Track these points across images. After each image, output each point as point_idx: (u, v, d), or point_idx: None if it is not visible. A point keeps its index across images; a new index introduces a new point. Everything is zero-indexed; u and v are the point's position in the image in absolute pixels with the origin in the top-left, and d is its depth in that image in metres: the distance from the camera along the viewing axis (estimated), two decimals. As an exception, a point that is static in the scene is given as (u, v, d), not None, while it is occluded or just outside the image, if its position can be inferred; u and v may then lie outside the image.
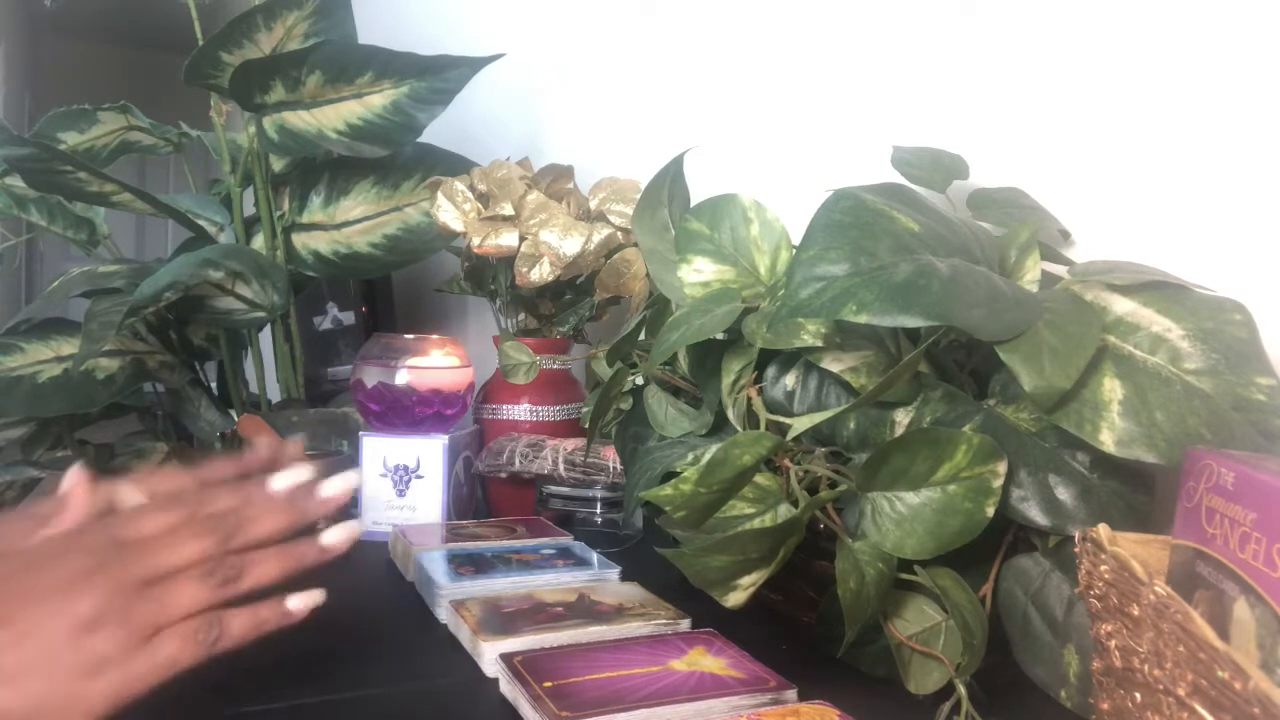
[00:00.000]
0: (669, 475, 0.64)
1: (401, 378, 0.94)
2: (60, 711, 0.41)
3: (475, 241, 1.01)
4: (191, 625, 0.44)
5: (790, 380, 0.61)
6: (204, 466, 0.54)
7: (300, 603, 0.48)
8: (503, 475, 0.97)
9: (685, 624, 0.64)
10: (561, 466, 0.93)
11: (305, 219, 1.36)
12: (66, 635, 0.41)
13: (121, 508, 0.50)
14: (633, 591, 0.70)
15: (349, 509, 0.91)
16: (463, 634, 0.62)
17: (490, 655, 0.57)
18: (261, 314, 1.28)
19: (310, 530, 0.50)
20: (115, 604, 0.42)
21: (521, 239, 1.00)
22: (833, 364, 0.57)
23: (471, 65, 1.25)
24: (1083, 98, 0.71)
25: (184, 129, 1.47)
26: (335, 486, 0.51)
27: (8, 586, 0.42)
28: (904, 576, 0.53)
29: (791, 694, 0.53)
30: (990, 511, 0.51)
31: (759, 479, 0.57)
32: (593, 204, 1.06)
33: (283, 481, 0.51)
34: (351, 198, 1.36)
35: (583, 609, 0.65)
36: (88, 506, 0.50)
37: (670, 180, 0.72)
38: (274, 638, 0.61)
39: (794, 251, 0.57)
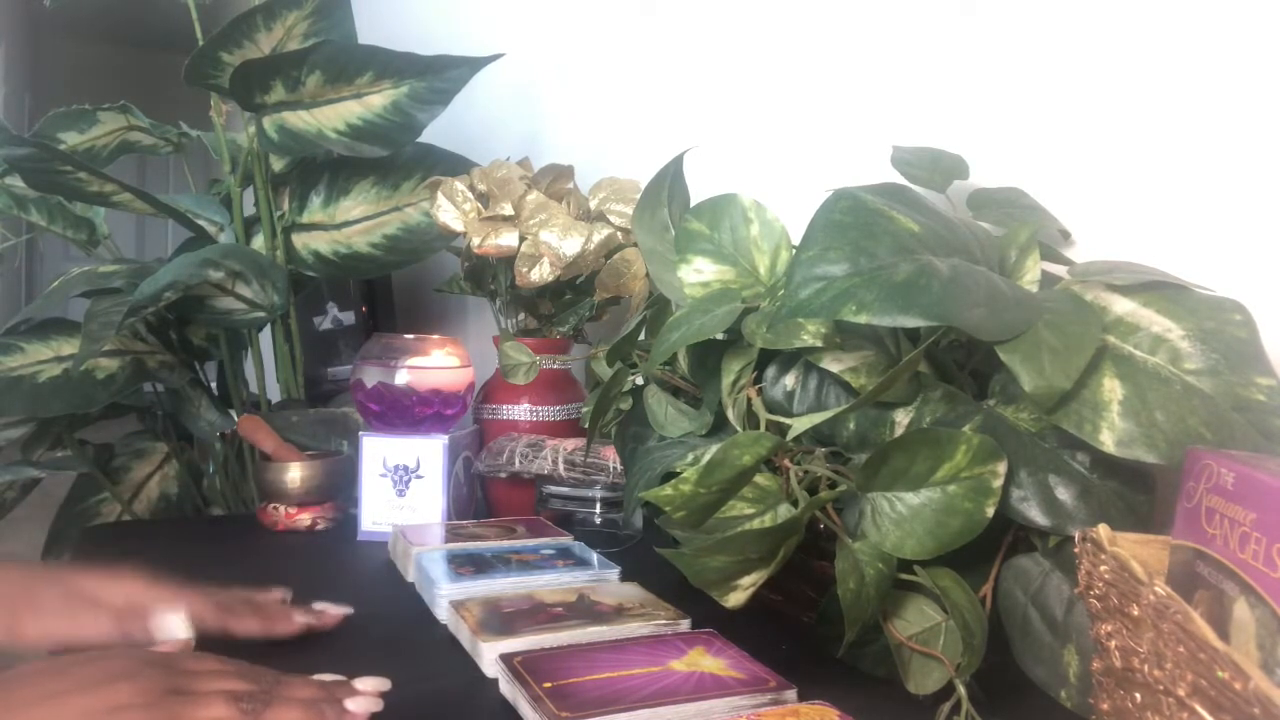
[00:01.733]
0: (669, 475, 0.64)
1: (401, 378, 0.94)
2: None
3: (475, 241, 1.01)
4: None
5: (790, 380, 0.61)
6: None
7: None
8: (503, 475, 0.97)
9: (685, 624, 0.64)
10: (561, 466, 0.93)
11: (305, 219, 1.36)
12: (98, 712, 0.44)
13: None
14: (633, 591, 0.70)
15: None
16: (463, 634, 0.62)
17: (490, 655, 0.57)
18: (261, 314, 1.28)
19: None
20: (142, 698, 0.45)
21: (521, 239, 1.00)
22: (833, 364, 0.57)
23: (471, 65, 1.25)
24: (1083, 98, 0.71)
25: (184, 129, 1.47)
26: (364, 703, 0.52)
27: (43, 684, 0.45)
28: (904, 576, 0.53)
29: (791, 694, 0.53)
30: (990, 511, 0.51)
31: (759, 479, 0.57)
32: (593, 204, 1.06)
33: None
34: (351, 198, 1.36)
35: (583, 609, 0.65)
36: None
37: (670, 180, 0.72)
38: (274, 638, 0.61)
39: (794, 251, 0.57)
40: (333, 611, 0.65)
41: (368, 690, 0.52)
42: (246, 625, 0.60)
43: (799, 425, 0.56)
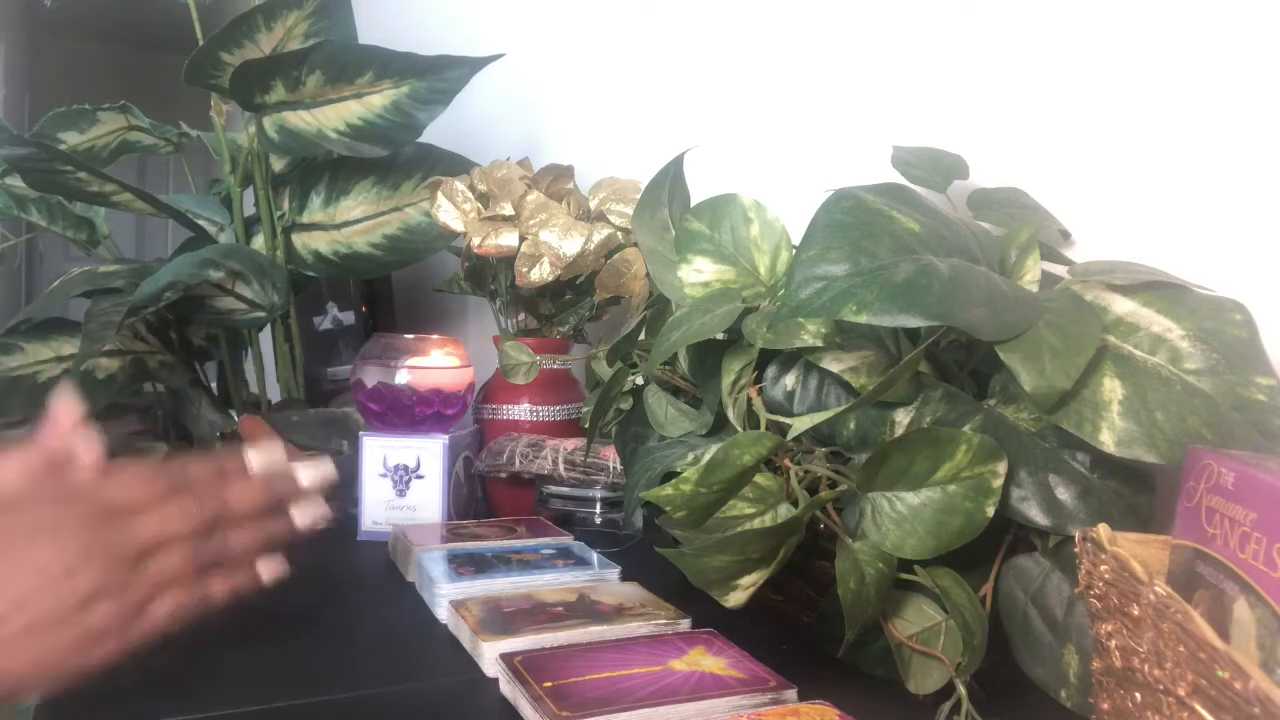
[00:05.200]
0: (669, 475, 0.64)
1: (401, 378, 0.94)
2: (58, 678, 0.44)
3: (475, 241, 1.01)
4: (179, 592, 0.48)
5: (790, 380, 0.61)
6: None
7: (269, 571, 0.52)
8: (503, 475, 0.97)
9: (685, 624, 0.64)
10: (561, 466, 0.93)
11: (305, 219, 1.36)
12: (69, 610, 0.44)
13: (98, 460, 0.53)
14: (633, 591, 0.70)
15: (337, 498, 0.91)
16: (463, 634, 0.62)
17: (490, 655, 0.57)
18: (261, 314, 1.28)
19: (284, 510, 0.55)
20: (112, 579, 0.45)
21: (521, 239, 1.00)
22: (833, 364, 0.57)
23: (471, 65, 1.25)
24: (1083, 98, 0.71)
25: (184, 129, 1.47)
26: (310, 473, 0.56)
27: (4, 553, 0.44)
28: (904, 576, 0.53)
29: (791, 694, 0.53)
30: (990, 511, 0.51)
31: (759, 479, 0.57)
32: (593, 204, 1.06)
33: (260, 462, 0.55)
34: (351, 198, 1.36)
35: (583, 609, 0.65)
36: (70, 446, 0.53)
37: (670, 180, 0.72)
38: (275, 638, 0.61)
39: (794, 251, 0.57)
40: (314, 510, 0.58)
41: (311, 481, 0.56)
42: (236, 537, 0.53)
43: (799, 425, 0.56)
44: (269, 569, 0.53)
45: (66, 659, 0.44)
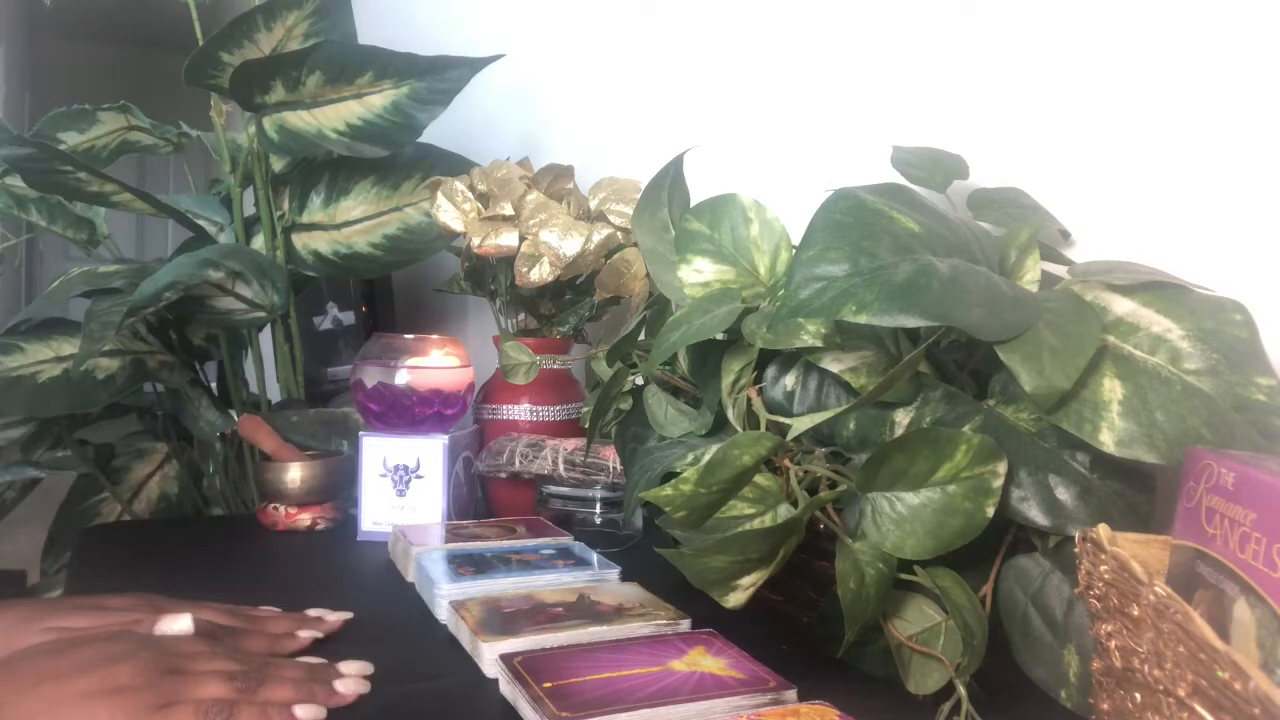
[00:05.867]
0: (669, 475, 0.64)
1: (401, 378, 0.94)
2: None
3: (475, 241, 1.01)
4: (204, 704, 0.47)
5: (790, 380, 0.61)
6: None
7: (306, 714, 0.51)
8: (503, 475, 0.97)
9: (685, 624, 0.64)
10: (561, 466, 0.93)
11: (305, 219, 1.36)
12: (99, 698, 0.45)
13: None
14: (633, 592, 0.70)
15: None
16: (463, 634, 0.62)
17: (490, 655, 0.57)
18: (261, 314, 1.28)
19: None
20: (141, 679, 0.47)
21: (521, 239, 1.00)
22: (833, 364, 0.57)
23: (471, 65, 1.24)
24: (1082, 98, 0.71)
25: (184, 129, 1.46)
26: (351, 685, 0.55)
27: (43, 664, 0.47)
28: (904, 576, 0.53)
29: (791, 694, 0.53)
30: (990, 511, 0.51)
31: (759, 479, 0.57)
32: (593, 204, 1.06)
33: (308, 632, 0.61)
34: (351, 198, 1.36)
35: (583, 609, 0.65)
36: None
37: (670, 180, 0.72)
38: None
39: (794, 251, 0.57)
40: (331, 619, 0.65)
41: (352, 673, 0.54)
42: (252, 648, 0.59)
43: (799, 425, 0.56)
44: (306, 713, 0.52)
45: None
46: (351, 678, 0.54)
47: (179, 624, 0.56)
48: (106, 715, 0.44)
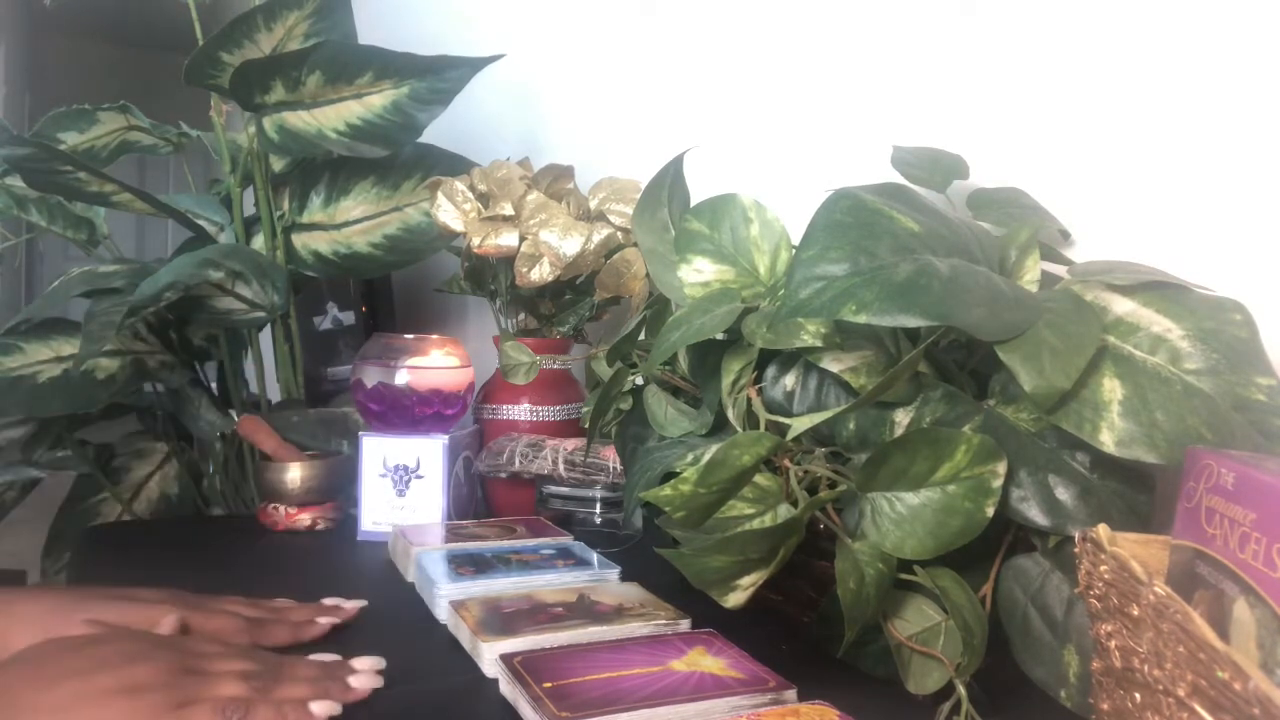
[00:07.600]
0: (669, 475, 0.64)
1: (401, 378, 0.94)
2: None
3: (475, 241, 1.01)
4: (221, 702, 0.48)
5: (790, 380, 0.61)
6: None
7: (322, 710, 0.51)
8: (503, 475, 0.97)
9: (685, 624, 0.64)
10: (561, 466, 0.93)
11: (305, 219, 1.36)
12: (118, 696, 0.46)
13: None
14: (633, 591, 0.70)
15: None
16: (463, 634, 0.62)
17: (490, 655, 0.57)
18: (261, 314, 1.27)
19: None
20: (160, 678, 0.48)
21: (521, 239, 1.00)
22: (833, 364, 0.57)
23: (471, 65, 1.24)
24: (1082, 98, 0.71)
25: (184, 129, 1.46)
26: (365, 680, 0.55)
27: (64, 661, 0.48)
28: (904, 576, 0.53)
29: (791, 694, 0.53)
30: (990, 511, 0.51)
31: (759, 479, 0.57)
32: (593, 204, 1.06)
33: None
34: (351, 198, 1.36)
35: (583, 609, 0.65)
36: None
37: (670, 180, 0.72)
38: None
39: (794, 251, 0.57)
40: (348, 606, 0.67)
41: (365, 668, 0.55)
42: (277, 636, 0.61)
43: (799, 425, 0.56)
44: (322, 709, 0.52)
45: None
46: (365, 673, 0.55)
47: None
48: (125, 713, 0.45)
